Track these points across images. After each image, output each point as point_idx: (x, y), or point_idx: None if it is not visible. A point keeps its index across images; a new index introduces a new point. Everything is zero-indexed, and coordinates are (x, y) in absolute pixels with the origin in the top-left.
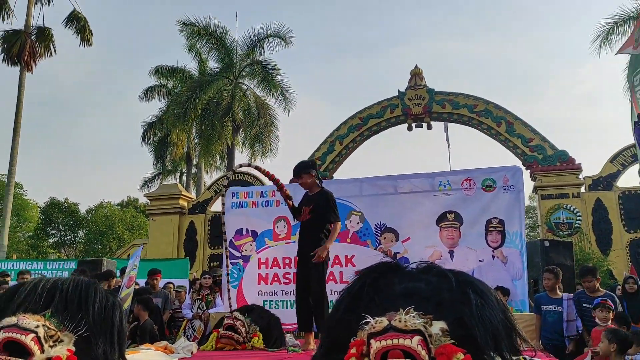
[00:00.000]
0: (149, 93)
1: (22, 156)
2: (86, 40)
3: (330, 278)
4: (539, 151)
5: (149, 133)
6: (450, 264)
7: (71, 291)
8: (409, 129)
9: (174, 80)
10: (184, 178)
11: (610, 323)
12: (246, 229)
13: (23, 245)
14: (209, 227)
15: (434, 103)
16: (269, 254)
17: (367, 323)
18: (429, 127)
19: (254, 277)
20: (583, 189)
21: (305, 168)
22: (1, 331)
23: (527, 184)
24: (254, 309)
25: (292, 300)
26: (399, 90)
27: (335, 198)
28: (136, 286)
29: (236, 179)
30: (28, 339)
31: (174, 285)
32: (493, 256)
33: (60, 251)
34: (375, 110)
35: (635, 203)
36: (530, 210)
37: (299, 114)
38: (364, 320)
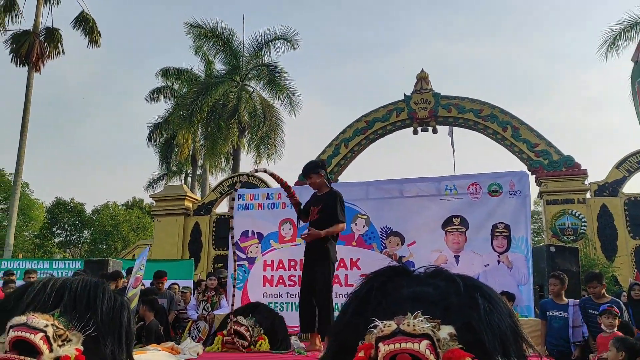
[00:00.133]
0: (155, 94)
1: (29, 156)
2: (94, 41)
3: (335, 281)
4: (545, 156)
5: (154, 134)
6: (455, 269)
7: (80, 291)
8: (415, 132)
9: (180, 82)
10: (189, 179)
11: (616, 330)
12: (252, 231)
13: (29, 244)
14: (213, 229)
15: (439, 107)
16: (275, 256)
17: (376, 326)
18: (435, 131)
19: (259, 279)
20: (588, 195)
21: (314, 168)
22: (11, 330)
23: (532, 189)
24: (258, 307)
25: (297, 303)
26: (404, 94)
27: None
28: (142, 287)
29: (242, 181)
30: (37, 338)
31: (179, 286)
32: (499, 261)
33: (65, 251)
34: (381, 113)
35: None
36: (535, 216)
37: (305, 116)
38: (372, 324)
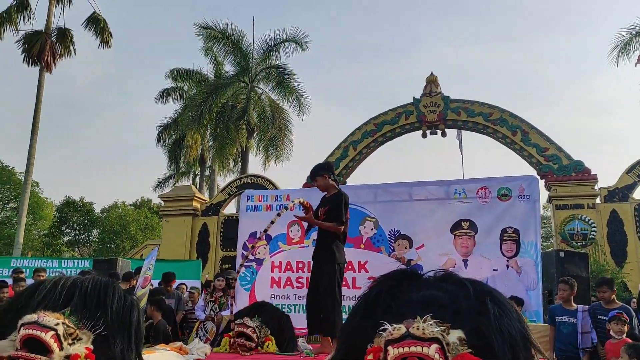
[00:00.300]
0: (164, 95)
1: (39, 155)
2: (105, 41)
3: (343, 283)
4: (555, 161)
5: (164, 135)
6: (464, 273)
7: (90, 290)
8: (424, 136)
9: (189, 83)
10: (198, 180)
11: (625, 337)
12: (260, 232)
13: (38, 242)
14: (221, 230)
15: (449, 110)
16: (282, 258)
17: (385, 330)
18: (444, 135)
19: (267, 280)
20: (598, 200)
21: (319, 170)
22: (22, 328)
23: (542, 193)
24: (264, 307)
25: (305, 305)
26: (414, 97)
27: (350, 203)
28: (150, 286)
29: (250, 182)
30: (48, 337)
31: (186, 286)
32: (507, 266)
33: (74, 249)
34: (390, 116)
35: None
36: (544, 220)
37: (313, 118)
38: (381, 327)
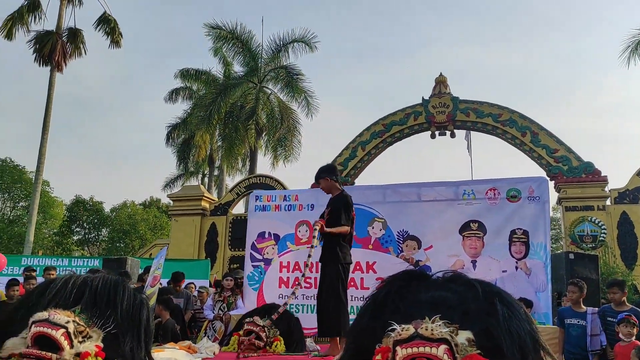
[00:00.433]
0: (174, 95)
1: (50, 154)
2: (115, 42)
3: (351, 284)
4: (564, 162)
5: (173, 134)
6: (472, 274)
7: (100, 288)
8: (432, 136)
9: (198, 83)
10: (206, 180)
11: (635, 339)
12: (268, 232)
13: (48, 241)
14: (230, 230)
15: (458, 111)
16: (291, 258)
17: (393, 330)
18: (453, 135)
19: (275, 280)
20: (609, 202)
21: (321, 173)
22: (33, 325)
23: (551, 195)
24: (274, 308)
25: (313, 305)
26: (422, 98)
27: (358, 204)
28: (159, 285)
29: (258, 182)
30: (58, 334)
31: (195, 285)
32: (516, 267)
33: (83, 248)
34: (398, 117)
35: None
36: (553, 222)
37: (322, 119)
38: (389, 327)
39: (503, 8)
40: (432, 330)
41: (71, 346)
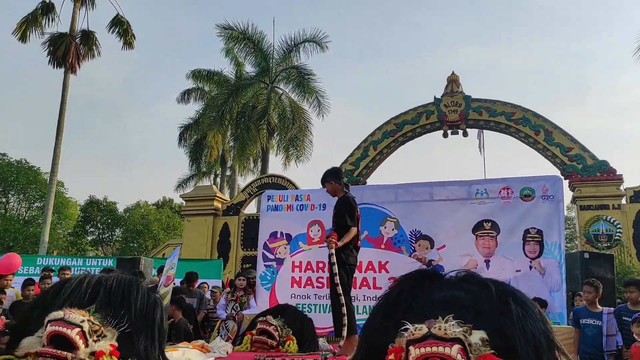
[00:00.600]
0: (186, 96)
1: (64, 155)
2: (128, 43)
3: (363, 284)
4: (579, 161)
5: (185, 135)
6: (486, 274)
7: (115, 288)
8: (445, 135)
9: (210, 84)
10: (218, 180)
11: None
12: (280, 232)
13: (63, 241)
14: (242, 229)
15: (470, 110)
16: (303, 258)
17: (406, 329)
18: (465, 134)
19: (287, 280)
20: (624, 201)
21: (325, 178)
22: (48, 325)
23: (566, 194)
24: (287, 309)
25: (325, 305)
26: (434, 97)
27: (371, 204)
28: (173, 285)
29: (270, 182)
30: (74, 333)
31: (208, 285)
32: (530, 267)
33: (98, 249)
34: (410, 116)
35: None
36: (568, 221)
37: (333, 118)
38: (402, 327)
39: (517, 7)
40: (446, 329)
41: (86, 345)
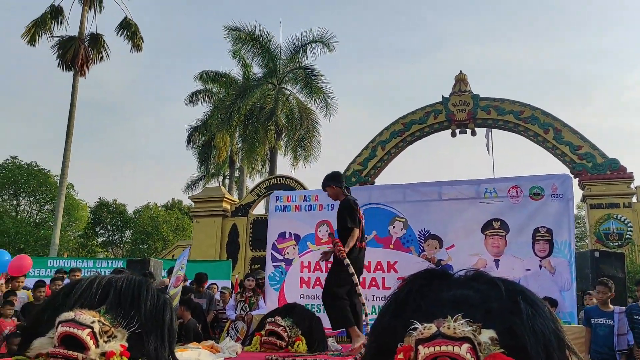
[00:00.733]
0: (194, 97)
1: (74, 157)
2: (137, 46)
3: (372, 284)
4: (588, 159)
5: (193, 137)
6: (495, 273)
7: (125, 289)
8: (453, 135)
9: (218, 85)
10: (227, 181)
11: None
12: (289, 232)
13: (73, 243)
14: (251, 230)
15: (478, 109)
16: (311, 258)
17: (415, 329)
18: (473, 134)
19: (296, 280)
20: (635, 199)
21: (326, 182)
22: (59, 325)
23: (575, 192)
24: (295, 308)
25: None
26: (442, 96)
27: (379, 204)
28: (183, 284)
29: (279, 183)
30: (84, 334)
31: (217, 286)
32: (540, 266)
33: (108, 250)
34: (418, 115)
35: None
36: (578, 220)
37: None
38: (411, 326)
39: (523, 5)
40: (455, 329)
41: (97, 346)
